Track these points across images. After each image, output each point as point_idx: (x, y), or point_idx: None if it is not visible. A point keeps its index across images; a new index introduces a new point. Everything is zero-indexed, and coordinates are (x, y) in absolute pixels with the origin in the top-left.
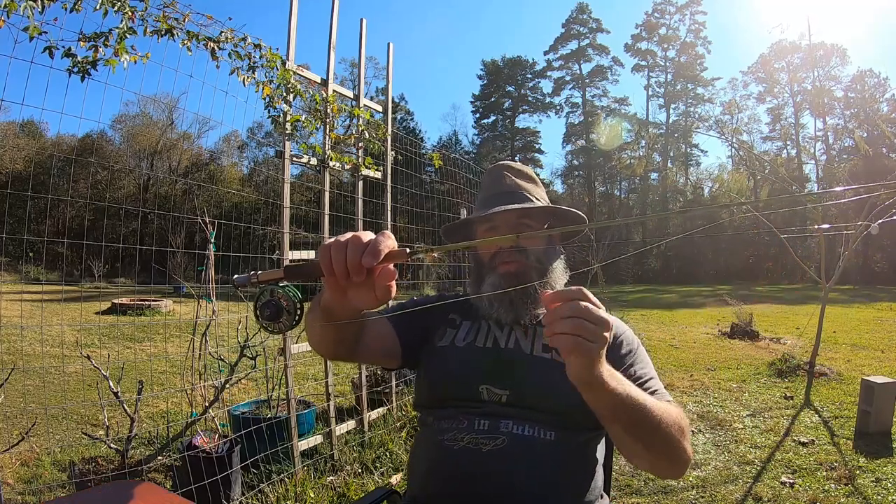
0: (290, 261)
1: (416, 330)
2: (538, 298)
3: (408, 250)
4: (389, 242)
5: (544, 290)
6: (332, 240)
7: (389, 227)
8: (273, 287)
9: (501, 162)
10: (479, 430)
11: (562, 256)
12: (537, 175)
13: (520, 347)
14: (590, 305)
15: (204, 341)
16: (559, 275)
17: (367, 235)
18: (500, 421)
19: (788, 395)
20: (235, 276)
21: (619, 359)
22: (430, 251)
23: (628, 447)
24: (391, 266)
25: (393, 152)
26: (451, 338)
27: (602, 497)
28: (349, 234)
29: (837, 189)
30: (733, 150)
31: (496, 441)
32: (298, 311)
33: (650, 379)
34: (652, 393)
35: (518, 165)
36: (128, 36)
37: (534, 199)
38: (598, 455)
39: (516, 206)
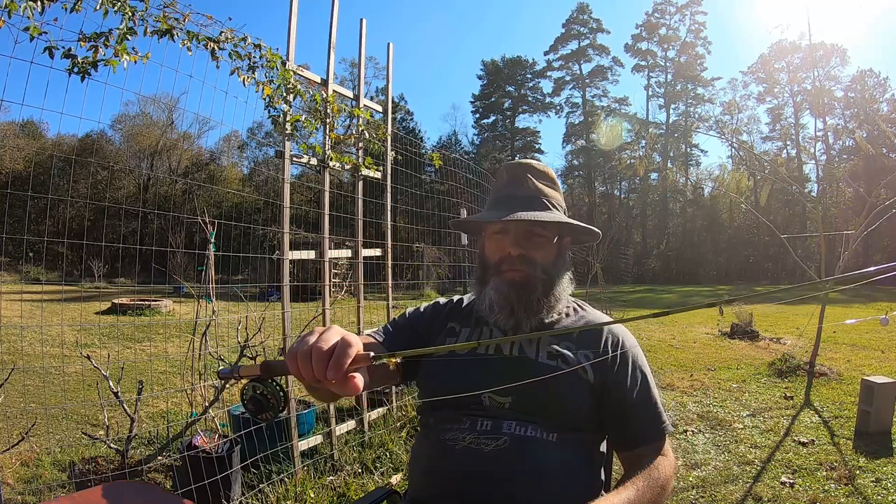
0: (290, 261)
1: (415, 347)
2: (540, 310)
3: (371, 354)
4: (351, 351)
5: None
6: (297, 345)
7: (389, 226)
8: (255, 384)
9: (523, 160)
10: (482, 430)
11: (569, 267)
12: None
13: (524, 353)
14: None
15: (204, 341)
16: (565, 286)
17: (330, 341)
18: (503, 422)
19: (788, 395)
20: (220, 369)
21: (626, 376)
22: (392, 357)
23: None
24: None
25: (393, 152)
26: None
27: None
28: (312, 339)
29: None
30: (733, 150)
31: (498, 441)
32: (281, 404)
33: (653, 405)
34: (654, 425)
35: (539, 166)
36: (128, 37)
37: (551, 207)
38: (599, 456)
39: (529, 216)
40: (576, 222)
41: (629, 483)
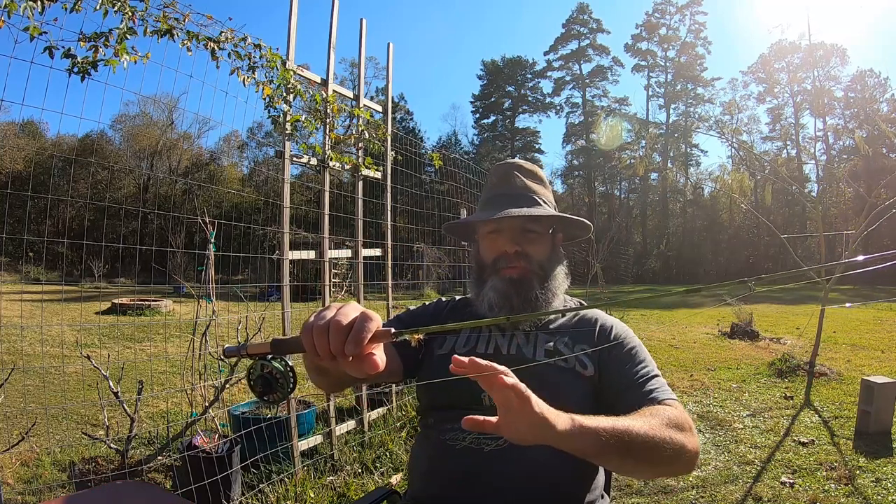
0: (290, 261)
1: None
2: (539, 305)
3: (392, 330)
4: (371, 325)
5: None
6: (314, 319)
7: (389, 226)
8: (263, 362)
9: (510, 160)
10: None
11: (563, 262)
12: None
13: (522, 353)
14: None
15: (204, 341)
16: (560, 281)
17: (349, 315)
18: None
19: (788, 395)
20: (226, 345)
21: (622, 357)
22: (415, 333)
23: (629, 471)
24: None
25: (393, 152)
26: (451, 345)
27: (602, 497)
28: (330, 314)
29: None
30: (733, 150)
31: (498, 441)
32: (290, 385)
33: (654, 377)
34: (652, 391)
35: (528, 165)
36: (128, 36)
37: (541, 203)
38: None
39: (522, 211)
40: (567, 215)
41: (634, 414)
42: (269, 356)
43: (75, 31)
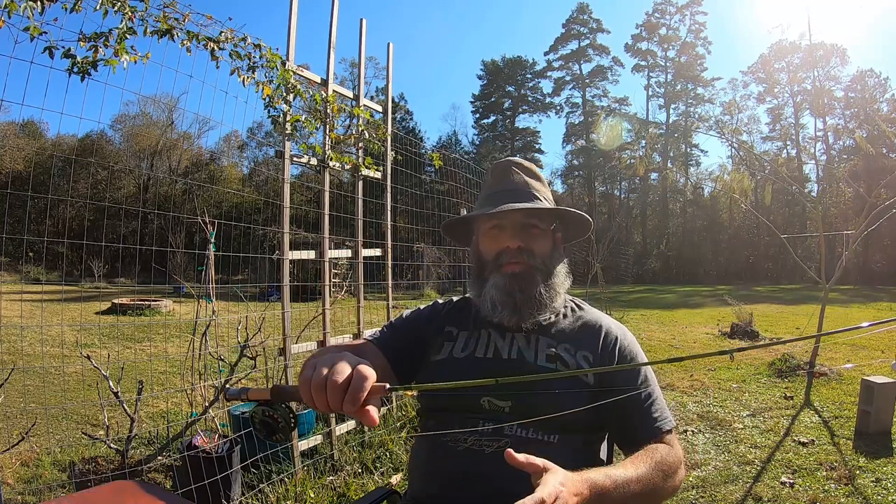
0: (290, 261)
1: (413, 351)
2: (542, 302)
3: (387, 386)
4: (367, 384)
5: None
6: (311, 374)
7: (389, 226)
8: (264, 408)
9: (508, 158)
10: (483, 432)
11: (564, 261)
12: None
13: (523, 357)
14: None
15: (204, 341)
16: (562, 279)
17: (344, 372)
18: (504, 425)
19: (788, 395)
20: (229, 388)
21: (625, 372)
22: (408, 389)
23: None
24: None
25: (393, 152)
26: (449, 350)
27: None
28: (325, 370)
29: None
30: (733, 150)
31: (499, 443)
32: (291, 426)
33: (654, 400)
34: (655, 422)
35: (526, 163)
36: (128, 36)
37: (541, 199)
38: (600, 456)
39: (525, 205)
40: (568, 208)
41: (629, 461)
42: (270, 402)
43: (75, 31)
